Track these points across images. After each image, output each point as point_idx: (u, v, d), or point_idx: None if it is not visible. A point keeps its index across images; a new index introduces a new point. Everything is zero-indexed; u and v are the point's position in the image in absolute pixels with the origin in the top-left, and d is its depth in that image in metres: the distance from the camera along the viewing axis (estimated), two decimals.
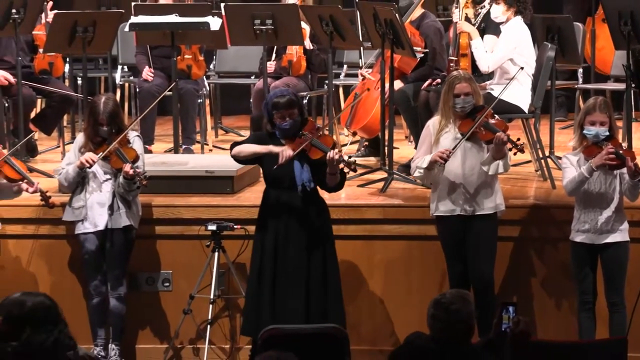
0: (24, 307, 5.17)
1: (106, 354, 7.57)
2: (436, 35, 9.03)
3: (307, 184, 7.09)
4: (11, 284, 7.67)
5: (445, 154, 7.09)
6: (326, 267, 7.16)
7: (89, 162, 7.36)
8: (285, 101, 7.07)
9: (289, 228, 7.12)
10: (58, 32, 8.85)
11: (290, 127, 7.07)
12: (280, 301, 7.11)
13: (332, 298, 7.16)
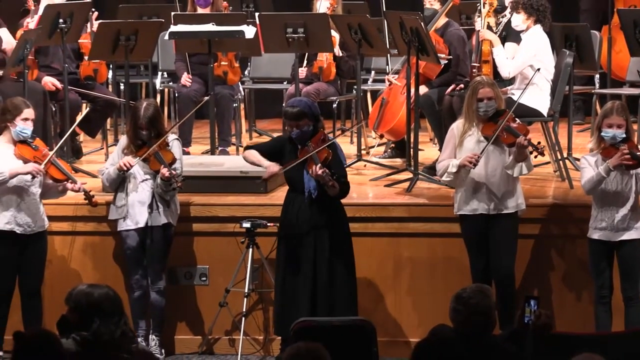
0: (91, 298, 5.16)
1: (147, 344, 7.57)
2: (459, 42, 9.01)
3: (312, 191, 7.08)
4: (58, 278, 7.70)
5: (474, 159, 7.06)
6: (334, 267, 7.12)
7: (126, 165, 7.39)
8: (294, 112, 7.08)
9: (299, 229, 7.13)
10: (102, 41, 8.87)
11: (296, 136, 7.09)
12: (289, 297, 7.13)
13: (339, 295, 7.12)
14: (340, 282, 7.15)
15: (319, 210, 7.11)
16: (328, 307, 7.08)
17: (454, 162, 7.16)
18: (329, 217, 7.14)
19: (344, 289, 7.16)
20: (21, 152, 7.29)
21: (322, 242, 7.12)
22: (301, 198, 7.13)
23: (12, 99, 7.46)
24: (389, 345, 7.65)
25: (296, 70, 9.21)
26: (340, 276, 7.15)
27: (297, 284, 7.14)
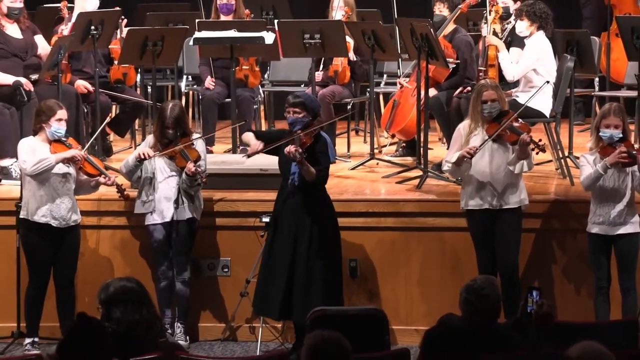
0: (108, 291, 5.25)
1: (172, 331, 7.58)
2: (467, 47, 8.99)
3: (294, 178, 7.08)
4: (90, 269, 7.71)
5: (472, 151, 7.07)
6: (313, 253, 7.10)
7: (144, 155, 7.40)
8: (295, 101, 7.20)
9: (283, 216, 7.17)
10: (131, 46, 8.88)
11: (291, 122, 7.16)
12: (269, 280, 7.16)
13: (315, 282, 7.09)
14: (318, 270, 7.11)
15: (303, 199, 7.12)
16: (304, 292, 7.05)
17: (455, 155, 7.17)
18: (312, 206, 7.14)
19: (321, 277, 7.11)
20: (56, 150, 7.32)
21: (304, 228, 7.11)
22: (287, 187, 7.16)
23: (46, 101, 7.49)
24: (400, 333, 7.65)
25: (313, 73, 9.21)
26: (320, 263, 7.11)
27: (276, 269, 7.15)
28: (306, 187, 7.11)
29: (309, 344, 4.37)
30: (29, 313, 7.41)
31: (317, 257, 7.13)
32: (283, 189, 7.23)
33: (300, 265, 7.10)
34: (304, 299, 7.01)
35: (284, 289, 7.10)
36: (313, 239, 7.12)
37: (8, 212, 7.62)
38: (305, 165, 6.98)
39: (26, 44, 8.78)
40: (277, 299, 7.07)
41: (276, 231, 7.21)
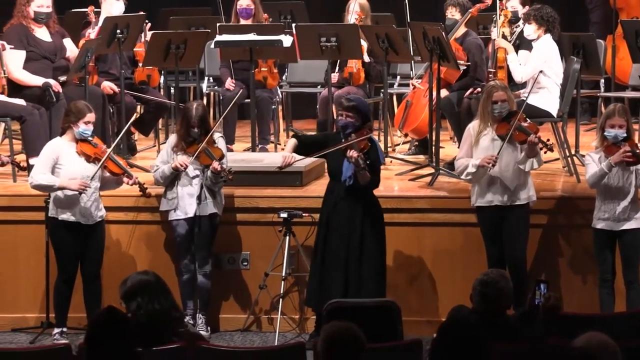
0: (126, 285, 5.35)
1: (194, 322, 7.61)
2: (477, 50, 8.99)
3: (347, 179, 7.11)
4: (115, 263, 7.74)
5: (492, 160, 7.08)
6: (365, 251, 7.16)
7: (182, 165, 7.42)
8: (348, 104, 7.19)
9: (335, 215, 7.18)
10: (155, 49, 8.91)
11: (343, 125, 7.16)
12: (325, 277, 7.17)
13: (367, 277, 7.15)
14: (369, 266, 7.18)
15: (355, 199, 7.16)
16: (357, 287, 7.11)
17: (473, 162, 7.18)
18: (363, 206, 7.18)
19: (372, 272, 7.19)
20: (83, 149, 7.36)
21: (355, 227, 7.16)
22: (340, 186, 7.17)
23: (76, 102, 7.52)
24: (413, 324, 7.64)
25: (329, 75, 9.23)
26: (370, 259, 7.18)
27: (331, 265, 7.17)
28: (359, 188, 7.13)
29: (325, 335, 4.40)
30: (58, 305, 7.46)
31: (369, 254, 7.17)
32: (332, 190, 7.23)
33: (354, 262, 7.14)
34: (357, 294, 7.03)
35: (341, 285, 7.11)
36: (365, 237, 7.17)
37: (37, 208, 7.66)
38: (365, 170, 6.99)
39: (55, 46, 8.82)
40: (335, 295, 7.05)
41: (328, 230, 7.21)
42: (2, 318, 7.83)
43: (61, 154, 7.33)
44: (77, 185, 7.21)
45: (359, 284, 7.13)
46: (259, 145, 9.39)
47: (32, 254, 7.83)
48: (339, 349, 4.31)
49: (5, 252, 7.90)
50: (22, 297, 7.91)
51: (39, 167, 7.35)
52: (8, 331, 7.81)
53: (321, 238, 7.27)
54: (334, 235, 7.20)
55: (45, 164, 7.31)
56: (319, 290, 7.22)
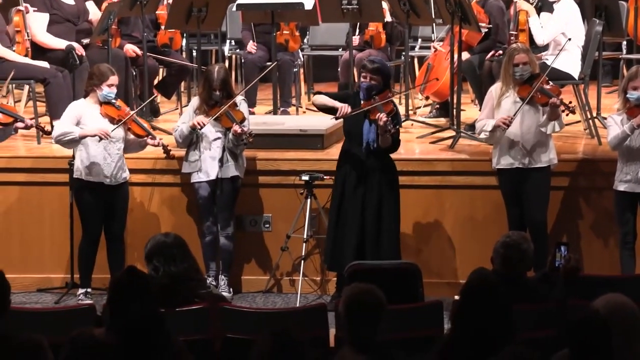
0: (147, 246, 5.36)
1: (217, 283, 7.64)
2: (499, 12, 8.92)
3: (371, 142, 7.09)
4: (139, 224, 7.76)
5: (507, 120, 7.04)
6: (382, 215, 7.14)
7: (200, 124, 7.42)
8: (373, 66, 7.13)
9: (353, 178, 7.16)
10: (177, 12, 8.87)
11: (367, 86, 7.10)
12: (340, 239, 7.16)
13: (385, 240, 7.15)
14: (385, 227, 7.17)
15: (374, 161, 7.13)
16: (374, 248, 7.11)
17: (490, 122, 7.16)
18: (381, 168, 7.17)
19: (388, 233, 7.18)
20: (106, 111, 7.36)
21: (372, 189, 7.16)
22: (358, 148, 7.15)
23: (99, 65, 7.51)
24: (433, 286, 7.63)
25: (350, 38, 9.18)
26: (387, 221, 7.17)
27: (347, 226, 7.17)
28: (378, 151, 7.11)
29: (346, 296, 4.40)
30: (82, 265, 7.49)
31: (386, 217, 7.16)
32: (349, 151, 7.20)
33: (371, 224, 7.13)
34: (375, 256, 7.02)
35: (356, 247, 7.12)
36: (382, 200, 7.15)
37: (62, 170, 7.69)
38: (391, 133, 6.97)
39: (78, 9, 8.81)
40: (351, 256, 7.06)
41: (344, 192, 7.20)
42: (28, 278, 7.88)
43: (84, 115, 7.34)
44: (97, 131, 7.20)
45: (376, 247, 7.12)
46: (281, 108, 9.37)
47: (56, 215, 7.86)
48: (360, 311, 4.32)
49: (31, 214, 7.93)
50: (47, 258, 7.95)
51: (59, 126, 7.35)
52: (34, 291, 7.86)
53: (337, 200, 7.25)
54: (351, 198, 7.18)
55: (67, 123, 7.31)
56: (334, 252, 7.22)
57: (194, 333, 5.30)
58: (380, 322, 4.33)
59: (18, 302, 7.40)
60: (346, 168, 7.22)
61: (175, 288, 5.47)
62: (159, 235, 5.73)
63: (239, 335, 5.40)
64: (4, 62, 8.23)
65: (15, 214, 7.93)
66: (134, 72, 9.10)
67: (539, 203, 7.24)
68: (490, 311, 4.28)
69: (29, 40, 8.57)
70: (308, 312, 5.79)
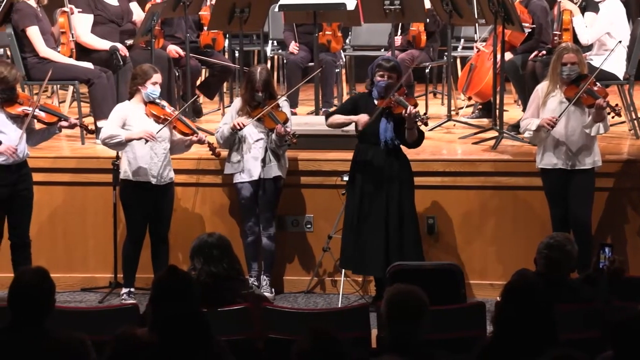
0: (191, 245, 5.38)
1: (259, 283, 7.66)
2: (542, 12, 8.87)
3: (389, 141, 7.08)
4: (182, 225, 7.80)
5: (552, 121, 7.00)
6: (403, 214, 7.13)
7: (239, 125, 7.44)
8: (389, 65, 7.17)
9: (373, 178, 7.15)
10: (220, 13, 8.91)
11: (385, 85, 7.11)
12: (363, 241, 7.16)
13: (407, 239, 7.14)
14: (408, 226, 7.15)
15: (393, 160, 7.14)
16: (398, 248, 7.09)
17: (535, 121, 7.11)
18: (399, 166, 7.16)
19: (411, 233, 7.16)
20: (151, 111, 7.41)
21: (393, 189, 7.15)
22: (375, 148, 7.15)
23: (142, 65, 7.57)
24: (475, 287, 7.63)
25: (392, 38, 9.17)
26: (408, 221, 7.16)
27: (370, 229, 7.15)
28: (396, 149, 7.10)
29: (388, 297, 4.39)
30: (126, 265, 7.54)
31: (408, 216, 7.16)
32: (366, 151, 7.20)
33: (394, 223, 7.12)
34: (398, 256, 7.02)
35: (383, 248, 7.11)
36: (402, 199, 7.13)
37: (106, 170, 7.75)
38: (422, 123, 6.98)
39: (122, 10, 8.87)
40: (379, 258, 7.05)
41: (363, 193, 7.20)
42: (72, 278, 7.95)
43: (129, 115, 7.40)
44: (143, 133, 7.26)
45: (400, 247, 7.10)
46: (323, 109, 9.37)
47: (100, 215, 7.92)
48: (402, 311, 4.31)
49: (75, 214, 8.01)
50: (91, 258, 8.02)
51: (106, 129, 7.42)
52: (78, 290, 7.93)
53: (357, 200, 7.23)
54: (373, 198, 7.17)
55: (113, 125, 7.38)
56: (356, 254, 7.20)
57: (236, 333, 5.32)
58: (422, 323, 4.32)
59: (63, 301, 7.48)
60: (364, 168, 7.21)
61: (216, 288, 5.50)
62: (204, 234, 5.76)
63: (281, 336, 5.41)
64: (49, 63, 8.31)
65: (60, 214, 8.00)
66: (176, 73, 9.15)
67: (583, 204, 7.18)
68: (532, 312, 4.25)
69: (73, 42, 8.64)
70: (350, 313, 5.79)
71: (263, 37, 10.30)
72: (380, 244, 7.13)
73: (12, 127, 7.16)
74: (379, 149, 7.15)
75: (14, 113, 7.16)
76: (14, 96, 7.17)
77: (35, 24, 8.41)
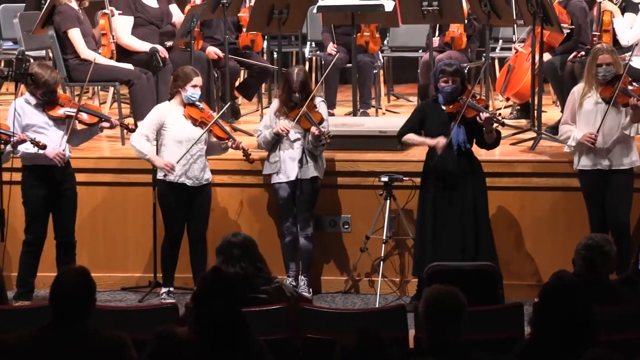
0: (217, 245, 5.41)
1: (297, 283, 7.67)
2: (581, 13, 8.82)
3: (462, 144, 7.07)
4: (220, 225, 7.81)
5: (592, 138, 6.97)
6: (477, 216, 7.13)
7: (284, 130, 7.45)
8: (452, 69, 7.16)
9: (446, 182, 7.14)
10: (258, 14, 8.94)
11: (451, 90, 7.07)
12: (440, 244, 7.14)
13: (482, 240, 7.14)
14: (482, 229, 7.16)
15: (466, 163, 7.14)
16: (474, 251, 7.09)
17: (575, 136, 7.09)
18: (471, 169, 7.16)
19: (486, 235, 7.17)
20: (190, 113, 7.45)
21: (466, 191, 7.15)
22: (449, 152, 7.13)
23: (184, 67, 7.60)
24: (513, 288, 7.58)
25: (430, 39, 9.15)
26: (482, 223, 7.16)
27: (446, 230, 7.13)
28: (467, 151, 7.13)
29: (427, 298, 4.39)
30: (165, 265, 7.59)
31: (481, 217, 7.18)
32: (438, 157, 7.17)
33: (469, 227, 7.13)
34: (474, 258, 7.02)
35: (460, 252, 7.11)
36: (476, 202, 7.14)
37: (145, 171, 7.80)
38: (496, 125, 6.97)
39: (162, 12, 8.93)
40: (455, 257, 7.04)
41: (437, 198, 7.19)
42: (112, 277, 8.01)
43: (168, 117, 7.44)
44: (162, 165, 7.30)
45: (475, 251, 7.10)
46: (360, 110, 9.38)
47: (140, 215, 7.97)
48: (440, 312, 4.31)
49: (115, 214, 8.07)
50: (131, 258, 8.08)
51: (142, 128, 7.47)
52: (118, 290, 7.99)
53: (430, 207, 7.21)
54: (448, 203, 7.16)
55: (150, 126, 7.43)
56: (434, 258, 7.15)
57: (274, 332, 5.34)
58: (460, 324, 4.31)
59: (103, 300, 7.53)
60: (437, 173, 7.19)
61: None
62: (229, 234, 5.77)
63: (319, 335, 5.42)
64: (90, 65, 8.37)
65: (100, 214, 8.06)
66: (215, 74, 9.19)
67: (622, 205, 7.13)
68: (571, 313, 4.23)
69: (114, 43, 8.71)
70: (388, 313, 5.79)
71: (301, 39, 10.32)
72: (456, 248, 7.12)
73: (55, 129, 7.24)
74: (451, 152, 7.14)
75: (56, 115, 7.23)
76: (55, 98, 7.24)
77: (76, 26, 8.48)
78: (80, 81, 8.29)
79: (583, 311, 4.28)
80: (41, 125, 7.20)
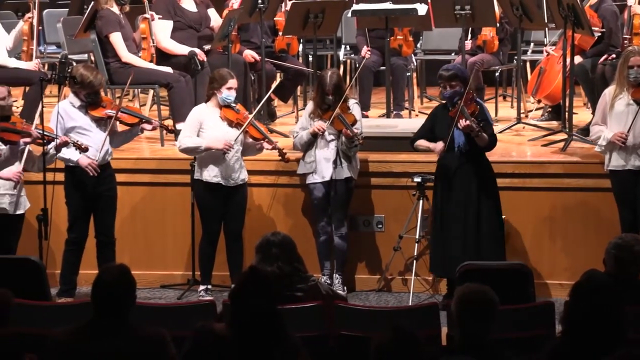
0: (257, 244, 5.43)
1: (331, 282, 7.68)
2: (612, 16, 8.76)
3: (462, 146, 7.05)
4: (257, 224, 7.85)
5: (623, 137, 6.93)
6: (481, 216, 7.11)
7: (320, 130, 7.47)
8: (448, 74, 7.13)
9: (450, 181, 7.16)
10: (294, 18, 8.96)
11: (449, 95, 7.09)
12: (444, 244, 7.17)
13: (486, 241, 7.11)
14: (487, 227, 7.12)
15: (468, 164, 7.12)
16: (475, 249, 7.06)
17: (606, 135, 7.03)
18: (476, 170, 7.14)
19: (490, 233, 7.12)
20: (226, 115, 7.48)
21: (471, 191, 7.13)
22: (452, 154, 7.14)
23: (219, 70, 7.65)
24: (544, 287, 7.57)
25: (463, 42, 9.13)
26: (487, 222, 7.12)
27: (449, 229, 7.14)
28: (473, 153, 7.10)
29: (459, 296, 4.39)
30: (203, 263, 7.62)
31: (486, 219, 7.15)
32: (444, 157, 7.19)
33: (472, 227, 7.12)
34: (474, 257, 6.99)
35: (461, 250, 7.10)
36: (481, 203, 7.13)
37: (183, 171, 7.84)
38: (480, 133, 6.95)
39: (200, 16, 8.98)
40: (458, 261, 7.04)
41: (444, 198, 7.20)
42: (152, 275, 8.06)
43: (205, 119, 7.48)
44: (222, 145, 7.34)
45: (477, 251, 7.07)
46: (394, 112, 9.38)
47: (178, 214, 8.02)
48: (472, 310, 4.30)
49: (155, 213, 8.12)
50: (169, 256, 8.12)
51: (185, 131, 7.52)
52: (157, 287, 8.04)
53: (438, 207, 7.24)
54: (451, 203, 7.17)
55: (192, 128, 7.47)
56: (436, 256, 7.21)
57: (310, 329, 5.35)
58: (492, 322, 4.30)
59: (143, 297, 7.58)
60: (444, 174, 7.21)
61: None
62: (269, 233, 5.78)
63: (354, 333, 5.43)
64: (130, 68, 8.44)
65: (140, 214, 8.12)
66: (252, 77, 9.22)
67: None
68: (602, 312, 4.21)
69: (154, 47, 8.77)
70: (420, 311, 5.78)
71: (336, 42, 10.32)
72: (458, 247, 7.11)
73: (97, 130, 7.30)
74: (454, 153, 7.14)
75: (98, 116, 7.30)
76: (99, 100, 7.31)
77: (118, 30, 8.55)
78: (121, 84, 8.35)
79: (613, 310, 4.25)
80: (84, 127, 7.28)
